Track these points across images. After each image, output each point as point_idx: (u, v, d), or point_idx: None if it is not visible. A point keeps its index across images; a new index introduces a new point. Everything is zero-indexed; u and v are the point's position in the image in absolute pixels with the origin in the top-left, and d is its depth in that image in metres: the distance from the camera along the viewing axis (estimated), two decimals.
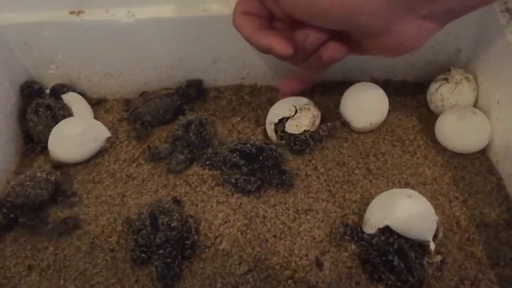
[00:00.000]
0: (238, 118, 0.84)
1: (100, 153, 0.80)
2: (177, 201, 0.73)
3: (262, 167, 0.72)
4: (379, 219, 0.65)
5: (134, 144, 0.82)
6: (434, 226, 0.65)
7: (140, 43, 0.80)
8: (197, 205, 0.73)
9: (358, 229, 0.69)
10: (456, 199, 0.74)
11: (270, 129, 0.79)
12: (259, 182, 0.72)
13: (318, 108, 0.80)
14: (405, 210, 0.65)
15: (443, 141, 0.80)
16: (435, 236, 0.65)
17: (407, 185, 0.74)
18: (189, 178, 0.76)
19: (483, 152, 0.79)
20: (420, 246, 0.64)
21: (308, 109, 0.79)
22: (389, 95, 0.84)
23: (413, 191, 0.68)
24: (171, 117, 0.84)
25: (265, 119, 0.82)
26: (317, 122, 0.79)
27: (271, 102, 0.85)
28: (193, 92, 0.86)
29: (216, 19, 0.78)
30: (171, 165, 0.76)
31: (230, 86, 0.89)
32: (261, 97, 0.87)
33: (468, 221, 0.71)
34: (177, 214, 0.68)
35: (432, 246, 0.64)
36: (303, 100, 0.80)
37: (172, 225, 0.67)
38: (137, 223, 0.68)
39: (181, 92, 0.85)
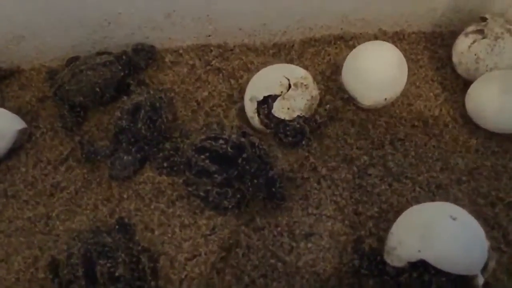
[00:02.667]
0: (205, 93, 0.66)
1: (13, 152, 0.60)
2: (123, 226, 0.54)
3: (243, 174, 0.54)
4: (411, 250, 0.48)
5: (61, 137, 0.62)
6: (485, 256, 0.49)
7: None
8: (153, 231, 0.54)
9: (378, 258, 0.52)
10: (500, 201, 0.58)
11: (250, 109, 0.61)
12: (238, 196, 0.54)
13: (317, 85, 0.61)
14: (449, 241, 0.48)
15: (477, 117, 0.63)
16: (484, 268, 0.49)
17: (438, 187, 0.58)
18: (141, 187, 0.58)
19: None
20: (463, 279, 0.48)
21: (306, 86, 0.60)
22: (401, 52, 0.67)
23: (457, 208, 0.51)
24: (111, 96, 0.64)
25: (241, 92, 0.65)
26: (315, 105, 0.61)
27: (248, 67, 0.68)
28: (142, 61, 0.67)
29: None
30: (115, 169, 0.58)
31: (191, 47, 0.70)
32: (234, 61, 0.69)
33: None
34: (123, 255, 0.48)
35: (481, 280, 0.49)
36: (300, 72, 0.62)
37: (117, 274, 0.46)
38: (65, 271, 0.47)
39: (125, 60, 0.65)
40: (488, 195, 0.58)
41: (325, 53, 0.69)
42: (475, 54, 0.64)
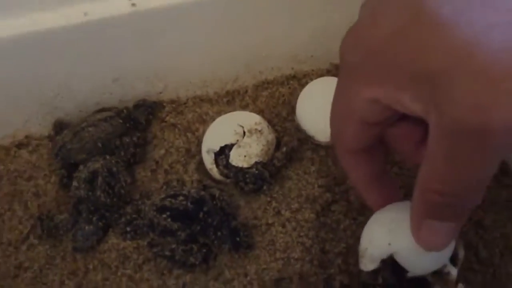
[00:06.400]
0: (162, 151, 0.83)
1: None
2: None
3: (206, 228, 0.71)
4: (382, 244, 0.59)
5: (20, 216, 0.78)
6: (452, 245, 0.59)
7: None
8: None
9: None
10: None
11: (208, 161, 0.79)
12: (204, 250, 0.71)
13: (272, 129, 0.80)
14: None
15: None
16: (453, 261, 0.60)
17: None
18: (106, 256, 0.74)
19: None
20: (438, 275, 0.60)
21: (261, 131, 0.78)
22: None
23: None
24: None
25: (198, 145, 0.82)
26: (271, 150, 0.79)
27: (204, 119, 0.86)
28: (141, 116, 0.85)
29: (108, 24, 0.77)
30: (77, 241, 0.74)
31: None
32: (188, 114, 0.87)
33: None
34: None
35: (454, 272, 0.59)
36: (254, 118, 0.80)
37: None
38: None
39: (125, 114, 0.84)
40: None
41: (279, 95, 0.87)
42: None
